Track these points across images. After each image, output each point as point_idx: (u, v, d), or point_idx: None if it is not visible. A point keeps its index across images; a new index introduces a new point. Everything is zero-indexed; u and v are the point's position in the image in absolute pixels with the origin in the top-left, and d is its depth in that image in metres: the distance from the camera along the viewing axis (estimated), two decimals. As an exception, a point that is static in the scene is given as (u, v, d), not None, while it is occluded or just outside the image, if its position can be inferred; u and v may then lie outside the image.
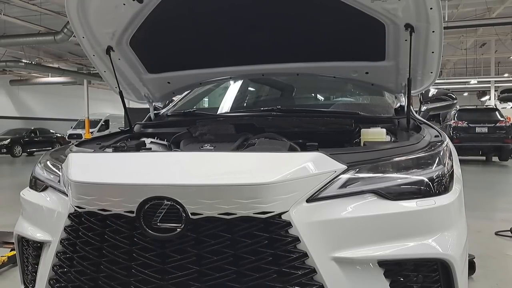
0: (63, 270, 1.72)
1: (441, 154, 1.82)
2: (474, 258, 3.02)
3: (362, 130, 2.22)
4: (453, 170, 1.84)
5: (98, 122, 23.71)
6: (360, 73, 2.62)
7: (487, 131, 13.16)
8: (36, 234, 1.89)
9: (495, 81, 23.38)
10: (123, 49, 2.59)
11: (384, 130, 2.20)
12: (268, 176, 1.51)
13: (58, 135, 22.85)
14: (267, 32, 2.46)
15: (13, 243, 3.63)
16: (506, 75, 25.24)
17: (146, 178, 1.58)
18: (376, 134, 2.18)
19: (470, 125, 13.29)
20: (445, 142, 1.95)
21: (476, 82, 23.60)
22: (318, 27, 2.40)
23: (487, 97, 25.99)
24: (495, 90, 23.30)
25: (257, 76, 3.00)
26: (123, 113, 2.95)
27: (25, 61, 20.10)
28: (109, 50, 2.55)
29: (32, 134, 21.49)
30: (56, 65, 23.62)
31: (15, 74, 25.99)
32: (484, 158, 14.42)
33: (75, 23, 2.39)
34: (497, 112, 13.85)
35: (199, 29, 2.51)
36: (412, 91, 2.43)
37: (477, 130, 13.21)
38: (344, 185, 1.61)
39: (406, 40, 2.22)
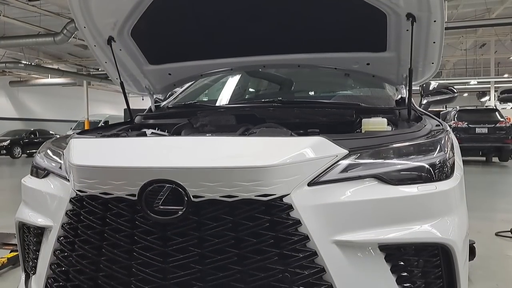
0: (64, 255, 1.71)
1: (442, 141, 1.82)
2: (475, 243, 3.00)
3: (363, 119, 2.21)
4: (454, 157, 1.84)
5: (97, 123, 23.66)
6: (361, 64, 2.62)
7: (487, 131, 13.17)
8: (37, 219, 1.89)
9: (495, 81, 23.39)
10: (125, 39, 2.58)
11: (385, 120, 2.19)
12: (269, 159, 1.51)
13: (58, 136, 22.80)
14: (268, 23, 2.46)
15: (13, 245, 3.61)
16: (506, 75, 25.28)
17: (148, 161, 1.58)
18: (377, 124, 2.16)
19: (470, 125, 13.29)
20: (446, 130, 1.95)
21: (476, 82, 23.60)
22: (319, 18, 2.40)
23: (487, 97, 26.00)
24: (495, 91, 23.32)
25: (258, 67, 3.00)
26: (123, 114, 2.93)
27: (25, 62, 20.08)
28: (110, 40, 2.54)
29: (32, 135, 21.47)
30: (55, 66, 23.65)
31: (14, 75, 26.01)
32: (484, 158, 14.41)
33: (76, 12, 2.38)
34: (497, 113, 13.86)
35: (200, 20, 2.51)
36: (413, 82, 2.42)
37: (477, 130, 13.22)
38: (345, 170, 1.61)
39: (407, 30, 2.21)
